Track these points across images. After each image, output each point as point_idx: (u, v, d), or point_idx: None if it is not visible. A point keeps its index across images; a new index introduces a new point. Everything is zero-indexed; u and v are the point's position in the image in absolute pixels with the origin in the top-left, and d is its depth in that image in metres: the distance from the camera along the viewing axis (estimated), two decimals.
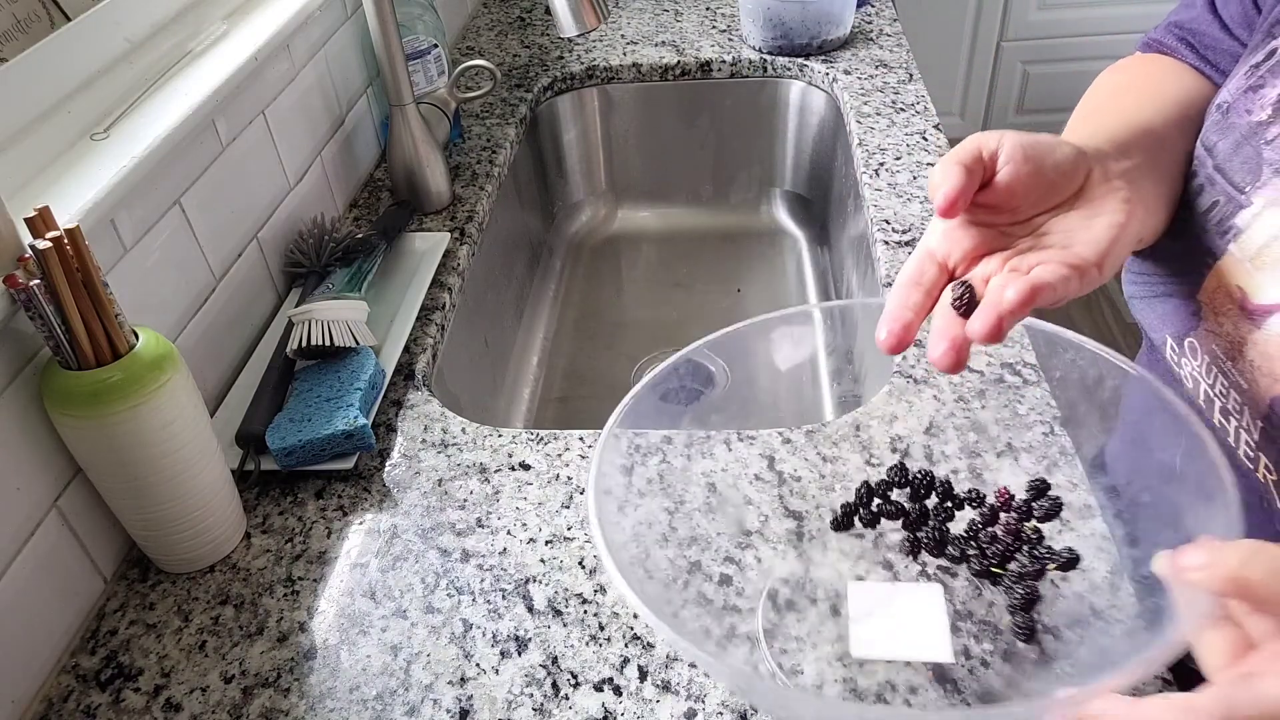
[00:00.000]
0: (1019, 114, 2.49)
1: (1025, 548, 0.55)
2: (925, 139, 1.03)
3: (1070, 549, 0.54)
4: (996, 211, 0.46)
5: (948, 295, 0.45)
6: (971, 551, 0.56)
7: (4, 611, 0.54)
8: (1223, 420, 0.51)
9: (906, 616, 0.54)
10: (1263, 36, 0.51)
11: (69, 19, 0.68)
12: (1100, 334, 2.11)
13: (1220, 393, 0.50)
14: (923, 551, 0.58)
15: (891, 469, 0.62)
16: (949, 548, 0.57)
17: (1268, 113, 0.48)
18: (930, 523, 0.58)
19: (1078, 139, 0.49)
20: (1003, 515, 0.57)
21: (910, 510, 0.59)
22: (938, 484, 0.59)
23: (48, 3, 0.67)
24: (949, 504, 0.59)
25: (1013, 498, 0.57)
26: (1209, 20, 0.59)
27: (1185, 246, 0.52)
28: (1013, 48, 2.38)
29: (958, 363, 0.42)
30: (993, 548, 0.55)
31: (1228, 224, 0.49)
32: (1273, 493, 0.50)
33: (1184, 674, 0.58)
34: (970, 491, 0.59)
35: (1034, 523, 0.56)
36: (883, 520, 0.60)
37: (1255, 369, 0.48)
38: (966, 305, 0.43)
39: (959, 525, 0.59)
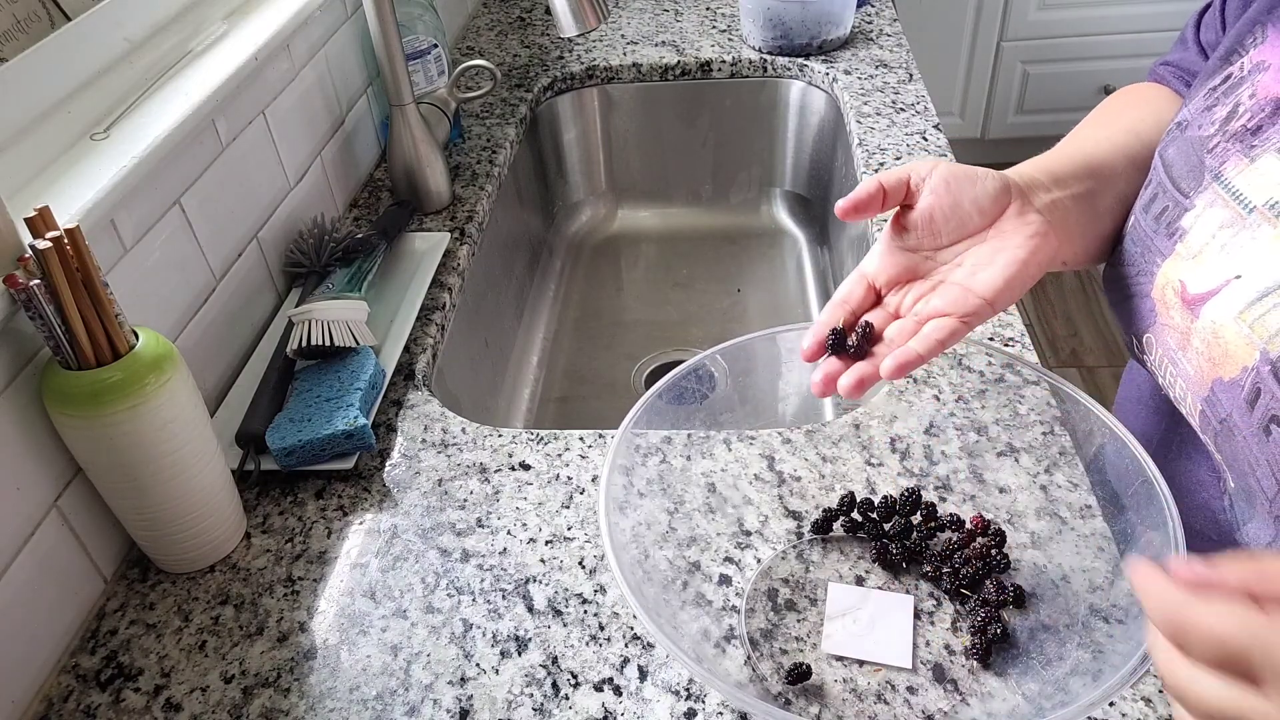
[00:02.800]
0: (1019, 114, 2.49)
1: (989, 578, 0.57)
2: (925, 139, 1.03)
3: (1017, 586, 0.56)
4: (922, 236, 0.53)
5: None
6: (945, 570, 0.58)
7: (4, 611, 0.54)
8: (1178, 406, 0.55)
9: (876, 622, 0.56)
10: (1219, 62, 0.55)
11: (69, 19, 0.68)
12: (1100, 334, 2.11)
13: (1170, 381, 0.54)
14: (894, 562, 0.59)
15: (884, 498, 0.62)
16: (925, 565, 0.58)
17: (1215, 126, 0.53)
18: (912, 537, 0.60)
19: (1031, 164, 0.57)
20: (978, 539, 0.58)
21: (887, 524, 0.60)
22: (922, 504, 0.60)
23: (48, 3, 0.67)
24: (931, 524, 0.60)
25: (988, 525, 0.58)
26: (1196, 58, 0.64)
27: (1142, 249, 0.56)
28: (1013, 48, 2.38)
29: (825, 392, 0.51)
30: (965, 570, 0.57)
31: (1174, 226, 0.53)
32: (1224, 470, 0.54)
33: None
34: (950, 516, 0.61)
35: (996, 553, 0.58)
36: (860, 530, 0.61)
37: (1199, 355, 0.51)
38: (859, 342, 0.52)
39: (939, 544, 0.60)
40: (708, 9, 1.37)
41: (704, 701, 0.52)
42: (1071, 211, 0.55)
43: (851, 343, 0.51)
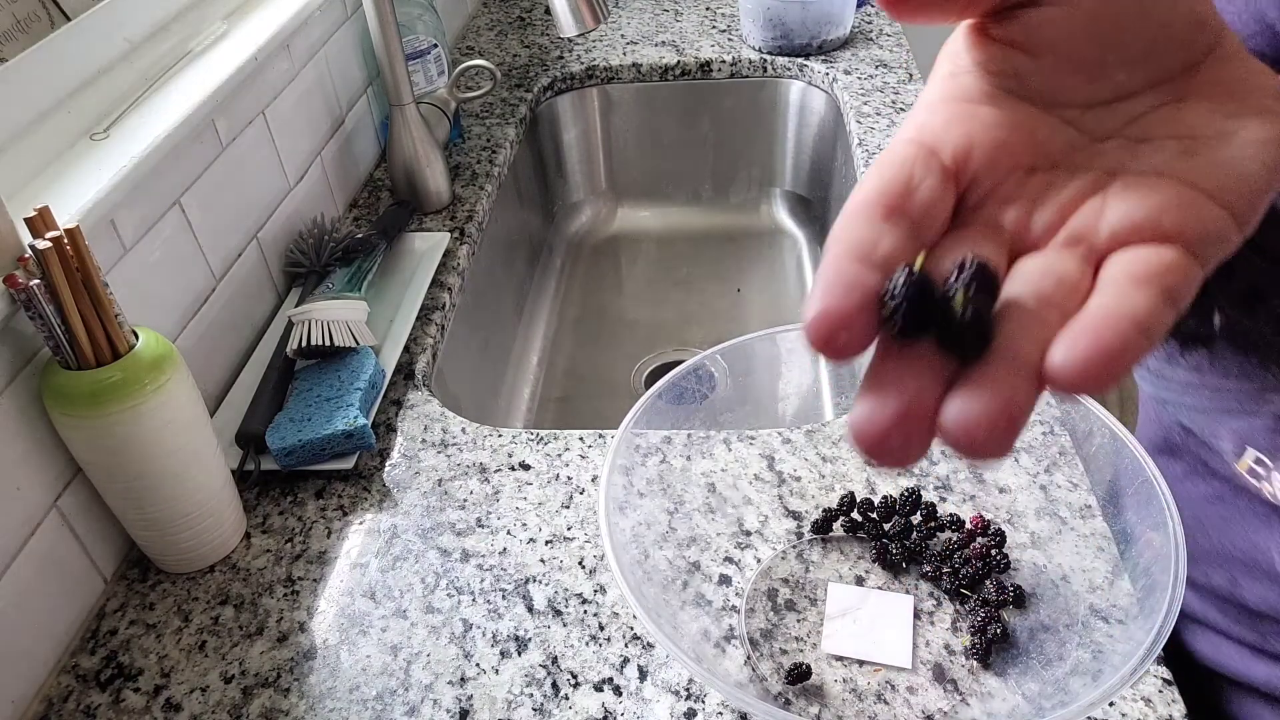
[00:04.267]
0: None
1: (989, 578, 0.57)
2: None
3: (1017, 586, 0.56)
4: (1061, 69, 0.26)
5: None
6: (945, 570, 0.58)
7: (4, 611, 0.54)
8: None
9: (877, 621, 0.56)
10: None
11: (69, 19, 0.68)
12: None
13: None
14: (894, 562, 0.59)
15: (883, 498, 0.62)
16: (924, 565, 0.58)
17: None
18: (912, 537, 0.60)
19: None
20: (978, 539, 0.58)
21: (887, 524, 0.60)
22: (922, 504, 0.60)
23: (48, 3, 0.67)
24: (931, 524, 0.60)
25: (988, 525, 0.58)
26: None
27: (1262, 358, 0.42)
28: None
29: (912, 448, 0.22)
30: (964, 569, 0.57)
31: None
32: None
33: (1183, 674, 0.58)
34: (950, 516, 0.61)
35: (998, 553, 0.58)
36: (861, 530, 0.61)
37: None
38: (967, 307, 0.22)
39: (939, 544, 0.60)
40: (708, 9, 1.37)
41: (704, 701, 0.52)
42: None
43: (953, 309, 0.22)
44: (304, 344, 0.73)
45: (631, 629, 0.57)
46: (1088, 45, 0.26)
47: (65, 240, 0.51)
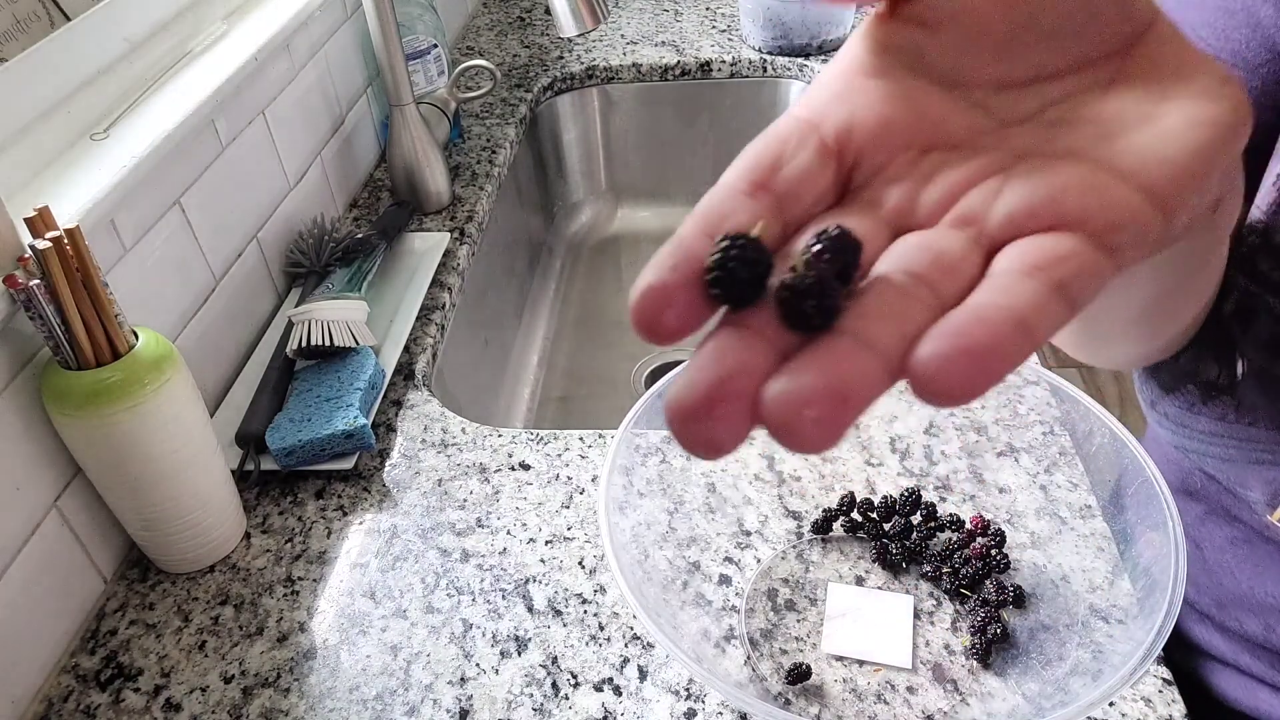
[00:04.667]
0: None
1: (989, 578, 0.57)
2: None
3: (1017, 586, 0.56)
4: (971, 46, 0.24)
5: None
6: (945, 570, 0.58)
7: (4, 611, 0.54)
8: None
9: (877, 621, 0.56)
10: None
11: (69, 19, 0.68)
12: None
13: None
14: (895, 562, 0.59)
15: (883, 498, 0.62)
16: (925, 565, 0.58)
17: None
18: (912, 537, 0.60)
19: None
20: (978, 539, 0.58)
21: (887, 524, 0.60)
22: (922, 504, 0.60)
23: (48, 3, 0.67)
24: (931, 524, 0.60)
25: (988, 525, 0.58)
26: None
27: None
28: None
29: (720, 428, 0.19)
30: (964, 569, 0.57)
31: None
32: None
33: (1181, 673, 0.58)
34: (950, 516, 0.61)
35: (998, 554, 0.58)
36: (861, 530, 0.61)
37: None
38: (813, 281, 0.19)
39: (939, 544, 0.60)
40: (708, 9, 1.37)
41: (704, 701, 0.52)
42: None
43: (793, 276, 0.20)
44: (304, 344, 0.73)
45: (631, 629, 0.57)
46: (994, 20, 0.23)
47: (65, 240, 0.51)
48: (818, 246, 0.20)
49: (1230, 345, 0.42)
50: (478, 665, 0.55)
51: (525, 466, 0.68)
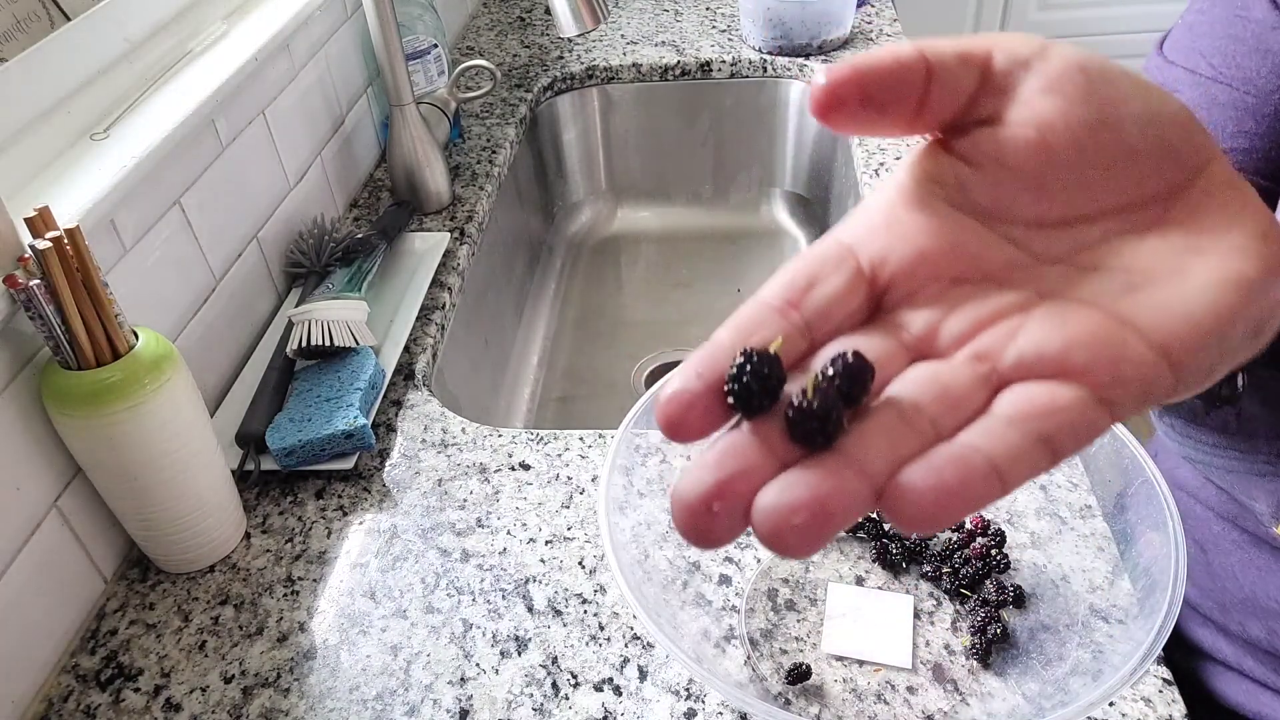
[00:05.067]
0: None
1: (989, 578, 0.57)
2: (925, 139, 1.03)
3: (1017, 586, 0.56)
4: (1013, 187, 0.25)
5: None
6: (945, 570, 0.58)
7: (4, 611, 0.54)
8: None
9: (876, 622, 0.56)
10: None
11: (69, 19, 0.68)
12: None
13: None
14: (895, 562, 0.59)
15: None
16: (925, 565, 0.58)
17: None
18: (912, 537, 0.59)
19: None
20: (978, 539, 0.58)
21: (887, 524, 0.60)
22: None
23: (48, 3, 0.67)
24: None
25: (988, 525, 0.58)
26: None
27: None
28: None
29: (718, 526, 0.21)
30: (964, 569, 0.57)
31: None
32: None
33: (1184, 675, 0.58)
34: None
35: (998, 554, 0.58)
36: (861, 530, 0.61)
37: None
38: (821, 400, 0.21)
39: (939, 544, 0.60)
40: (708, 9, 1.37)
41: (704, 701, 0.52)
42: None
43: (802, 398, 0.21)
44: (304, 344, 0.73)
45: (631, 629, 0.57)
46: (1036, 162, 0.24)
47: (65, 240, 0.51)
48: (830, 371, 0.22)
49: None
50: (478, 665, 0.55)
51: (525, 466, 0.68)
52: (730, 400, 0.22)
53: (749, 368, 0.22)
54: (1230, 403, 0.43)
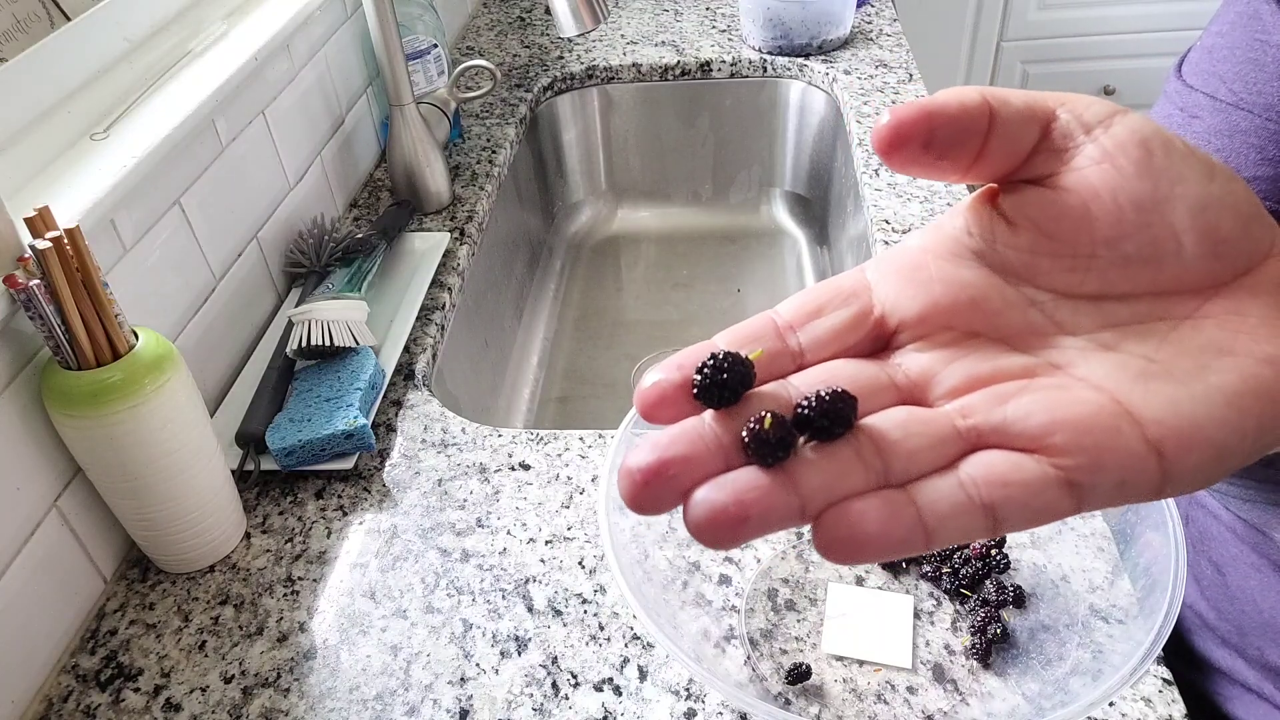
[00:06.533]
0: None
1: (989, 578, 0.57)
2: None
3: (1017, 586, 0.56)
4: (1052, 248, 0.25)
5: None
6: (945, 570, 0.58)
7: (4, 611, 0.54)
8: None
9: (876, 621, 0.56)
10: None
11: (69, 19, 0.68)
12: None
13: None
14: (894, 562, 0.59)
15: None
16: (925, 565, 0.58)
17: None
18: None
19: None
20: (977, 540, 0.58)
21: None
22: None
23: (48, 3, 0.67)
24: None
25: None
26: None
27: None
28: (1013, 48, 2.38)
29: (651, 499, 0.22)
30: (964, 569, 0.57)
31: None
32: None
33: (1201, 697, 0.57)
34: None
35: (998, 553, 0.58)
36: None
37: None
38: (780, 423, 0.22)
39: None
40: (708, 9, 1.37)
41: (704, 701, 0.52)
42: None
43: (759, 422, 0.22)
44: (304, 344, 0.73)
45: (631, 629, 0.57)
46: (1076, 233, 0.24)
47: (65, 240, 0.51)
48: (805, 403, 0.23)
49: None
50: (478, 665, 0.55)
51: (525, 466, 0.68)
52: (696, 393, 0.23)
53: (716, 366, 0.23)
54: None
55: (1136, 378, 0.22)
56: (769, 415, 0.22)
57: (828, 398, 0.22)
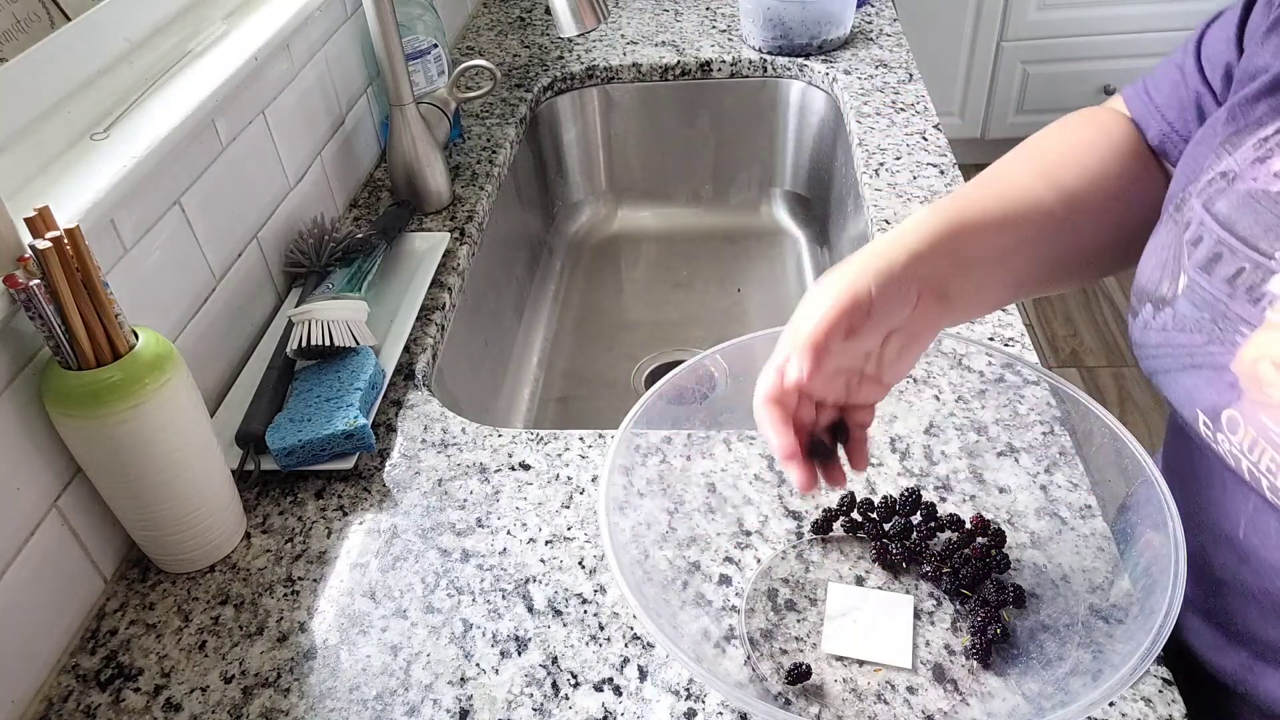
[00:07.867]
0: (1019, 114, 2.49)
1: (989, 578, 0.57)
2: (925, 139, 1.03)
3: (1017, 586, 0.56)
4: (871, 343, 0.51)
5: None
6: (945, 570, 0.58)
7: (4, 611, 0.54)
8: (1273, 497, 0.47)
9: (877, 621, 0.56)
10: (1270, 111, 0.50)
11: (69, 19, 0.68)
12: (1100, 334, 2.11)
13: (1269, 469, 0.46)
14: (895, 562, 0.59)
15: (883, 498, 0.62)
16: (925, 565, 0.58)
17: None
18: (912, 537, 0.60)
19: (915, 231, 0.52)
20: (978, 539, 0.58)
21: (887, 524, 0.60)
22: (922, 504, 0.60)
23: (48, 3, 0.67)
24: (931, 524, 0.59)
25: (988, 525, 0.58)
26: (1195, 85, 0.59)
27: (1213, 316, 0.48)
28: (1012, 47, 2.38)
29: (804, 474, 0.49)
30: (964, 569, 0.57)
31: (1259, 290, 0.46)
32: None
33: (1180, 675, 0.57)
34: (950, 516, 0.61)
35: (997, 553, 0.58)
36: (860, 530, 0.61)
37: None
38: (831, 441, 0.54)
39: (939, 544, 0.60)
40: (708, 9, 1.37)
41: (704, 701, 0.52)
42: (955, 279, 0.53)
43: (811, 438, 0.53)
44: (304, 344, 0.73)
45: (631, 629, 0.57)
46: (863, 324, 0.49)
47: (65, 240, 0.51)
48: (829, 430, 0.54)
49: (1178, 264, 0.51)
50: (478, 665, 0.55)
51: (525, 466, 0.68)
52: (812, 452, 0.53)
53: (814, 436, 0.54)
54: (1172, 304, 0.51)
55: (883, 364, 0.52)
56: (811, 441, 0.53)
57: (836, 429, 0.54)
